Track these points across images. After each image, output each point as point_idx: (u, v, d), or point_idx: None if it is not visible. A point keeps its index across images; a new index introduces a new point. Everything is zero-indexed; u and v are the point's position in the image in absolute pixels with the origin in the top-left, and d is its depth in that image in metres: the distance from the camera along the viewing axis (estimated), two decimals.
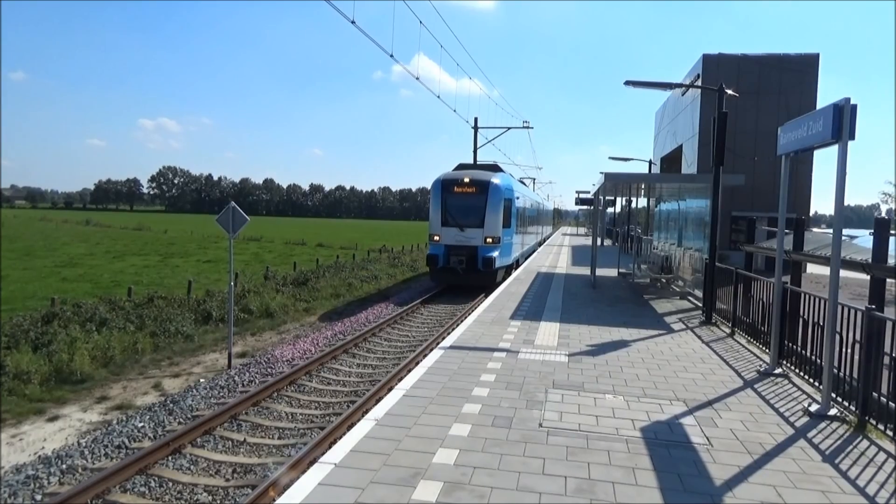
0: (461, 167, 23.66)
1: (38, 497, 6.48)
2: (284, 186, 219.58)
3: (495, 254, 20.23)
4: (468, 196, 20.86)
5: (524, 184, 37.29)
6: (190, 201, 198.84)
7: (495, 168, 23.95)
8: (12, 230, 58.76)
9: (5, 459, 7.48)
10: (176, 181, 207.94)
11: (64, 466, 7.12)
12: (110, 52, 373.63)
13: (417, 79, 18.74)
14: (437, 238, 20.78)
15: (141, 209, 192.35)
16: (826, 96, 51.31)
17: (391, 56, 14.99)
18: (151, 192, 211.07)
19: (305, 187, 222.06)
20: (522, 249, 27.63)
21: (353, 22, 12.20)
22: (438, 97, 21.57)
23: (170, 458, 7.38)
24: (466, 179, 21.02)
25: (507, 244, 21.80)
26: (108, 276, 25.28)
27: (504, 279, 19.99)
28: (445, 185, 21.18)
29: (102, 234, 58.32)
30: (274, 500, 5.83)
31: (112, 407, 9.50)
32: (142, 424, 8.46)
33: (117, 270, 27.51)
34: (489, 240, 20.35)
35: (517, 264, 25.14)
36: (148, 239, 52.86)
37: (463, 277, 20.41)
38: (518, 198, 24.23)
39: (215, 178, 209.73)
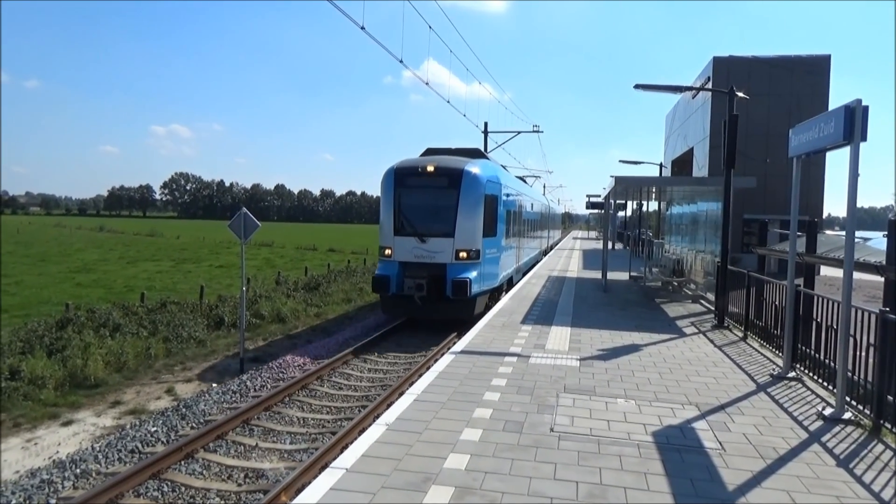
0: (429, 152, 17.52)
1: (53, 501, 6.54)
2: (295, 192, 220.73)
3: (472, 275, 14.39)
4: (432, 191, 15.14)
5: (525, 181, 30.44)
6: (202, 207, 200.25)
7: (475, 153, 17.60)
8: (28, 236, 59.44)
9: (21, 464, 7.55)
10: (188, 187, 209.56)
11: (78, 471, 7.18)
12: (122, 60, 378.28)
13: (427, 84, 18.78)
14: (388, 252, 15.01)
15: (153, 215, 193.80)
16: (838, 98, 50.85)
17: (401, 62, 15.02)
18: (164, 199, 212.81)
19: (316, 192, 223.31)
20: (518, 263, 21.19)
21: (362, 28, 12.24)
22: (448, 102, 21.55)
23: (182, 462, 7.42)
24: (430, 168, 15.11)
25: (492, 259, 15.82)
26: (122, 281, 25.51)
27: (489, 307, 14.56)
28: (400, 177, 15.35)
29: (116, 240, 58.84)
30: None
31: (125, 412, 9.58)
32: (155, 429, 8.52)
33: (130, 276, 27.75)
34: (463, 254, 14.55)
35: (511, 283, 19.13)
36: (160, 245, 53.30)
37: (424, 309, 14.48)
38: (509, 194, 18.16)
39: (227, 183, 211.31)
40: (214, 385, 10.94)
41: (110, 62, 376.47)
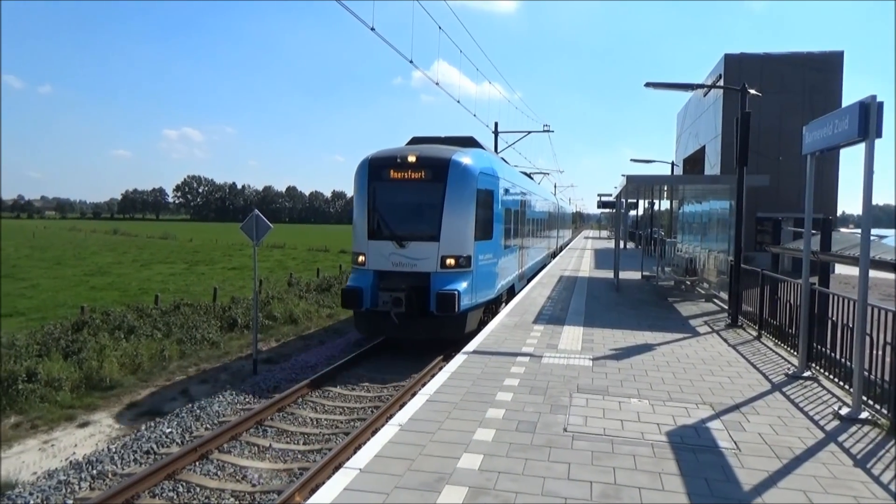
0: (415, 141, 14.98)
1: (70, 501, 6.62)
2: (307, 194, 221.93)
3: (461, 286, 12.13)
4: (414, 186, 12.75)
5: (531, 178, 27.74)
6: (214, 210, 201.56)
7: (467, 142, 14.88)
8: (43, 240, 60.11)
9: (38, 465, 7.64)
10: (200, 190, 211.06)
11: (94, 472, 7.25)
12: (133, 64, 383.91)
13: (437, 84, 18.78)
14: (361, 259, 12.81)
15: (166, 218, 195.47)
16: (851, 94, 50.41)
17: (411, 62, 15.01)
18: (176, 202, 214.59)
19: (328, 194, 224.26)
20: (521, 269, 18.53)
21: (372, 29, 12.24)
22: (458, 102, 21.51)
23: (197, 463, 7.48)
24: (411, 158, 12.66)
25: (487, 266, 13.46)
26: (136, 284, 25.72)
27: (485, 323, 12.81)
28: (375, 170, 12.96)
29: (129, 243, 59.36)
30: None
31: (140, 413, 9.66)
32: (169, 430, 8.59)
33: (144, 278, 27.98)
34: (451, 261, 12.30)
35: (512, 291, 16.72)
36: (174, 247, 53.68)
37: (402, 328, 12.14)
38: (508, 190, 15.77)
39: (239, 186, 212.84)
40: (228, 386, 11.00)
41: (121, 66, 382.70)
